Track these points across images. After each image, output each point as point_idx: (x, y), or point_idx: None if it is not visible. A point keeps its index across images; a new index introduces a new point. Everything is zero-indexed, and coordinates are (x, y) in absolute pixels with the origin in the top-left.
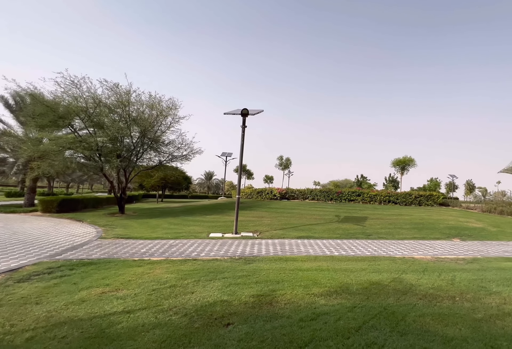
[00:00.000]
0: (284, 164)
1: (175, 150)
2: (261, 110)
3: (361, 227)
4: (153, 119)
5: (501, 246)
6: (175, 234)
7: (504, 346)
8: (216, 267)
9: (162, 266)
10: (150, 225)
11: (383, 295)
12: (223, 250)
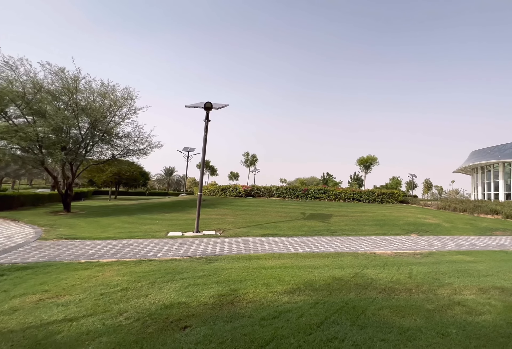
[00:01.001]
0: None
1: (131, 144)
2: (225, 105)
3: (326, 224)
4: (106, 109)
5: (453, 241)
6: (129, 233)
7: (454, 333)
8: (174, 268)
9: (112, 268)
10: (100, 224)
11: (345, 290)
12: (183, 249)
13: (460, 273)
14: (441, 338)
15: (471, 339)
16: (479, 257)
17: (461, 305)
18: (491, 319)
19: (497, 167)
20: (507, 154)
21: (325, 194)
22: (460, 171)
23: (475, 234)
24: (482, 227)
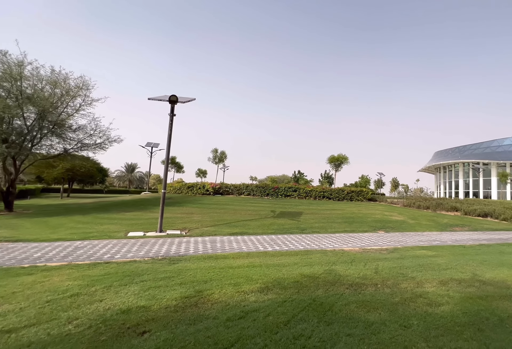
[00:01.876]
0: (218, 158)
1: (86, 137)
2: (192, 98)
3: (296, 222)
4: (56, 99)
5: (417, 236)
6: (83, 234)
7: (415, 324)
8: (133, 270)
9: (62, 273)
10: (49, 224)
11: (313, 287)
12: (144, 250)
13: (423, 267)
14: (403, 330)
15: (431, 330)
16: (440, 251)
17: (422, 297)
18: (449, 309)
19: (458, 167)
20: (466, 155)
21: (296, 192)
22: (424, 171)
23: (437, 230)
24: (443, 223)
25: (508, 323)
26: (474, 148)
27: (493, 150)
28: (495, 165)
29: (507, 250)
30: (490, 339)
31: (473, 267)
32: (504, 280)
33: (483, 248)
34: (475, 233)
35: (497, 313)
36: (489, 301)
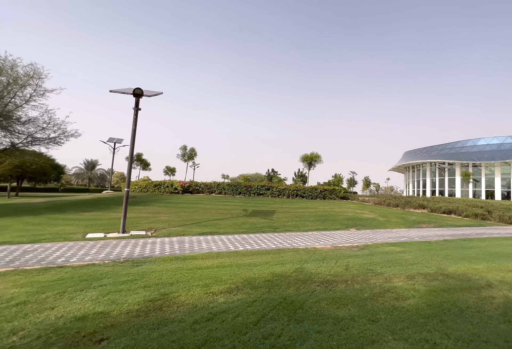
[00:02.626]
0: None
1: (38, 131)
2: (159, 92)
3: (269, 220)
4: (2, 88)
5: (386, 233)
6: (33, 236)
7: (383, 318)
8: (91, 274)
9: (7, 279)
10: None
11: (284, 286)
12: (104, 252)
13: (391, 263)
14: (371, 324)
15: (397, 323)
16: (407, 247)
17: (390, 292)
18: (414, 302)
19: (425, 167)
20: (433, 155)
21: (269, 190)
22: (394, 170)
23: (405, 227)
24: (411, 220)
25: (467, 313)
26: (441, 148)
27: (458, 151)
28: (459, 165)
29: (468, 245)
30: (451, 329)
31: (437, 261)
32: (465, 273)
33: (447, 244)
34: (440, 230)
35: (458, 304)
36: (451, 293)
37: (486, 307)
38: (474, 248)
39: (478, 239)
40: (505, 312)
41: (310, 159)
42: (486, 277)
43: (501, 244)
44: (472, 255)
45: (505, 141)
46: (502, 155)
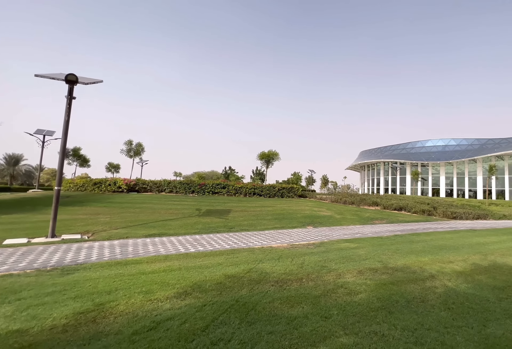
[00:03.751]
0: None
1: None
2: (99, 80)
3: (224, 220)
4: None
5: (342, 230)
6: None
7: (335, 314)
8: (7, 287)
9: None
10: None
11: (237, 287)
12: (26, 260)
13: (345, 259)
14: (324, 321)
15: (349, 317)
16: (361, 243)
17: (343, 287)
18: (365, 296)
19: (379, 166)
20: (386, 155)
21: (225, 189)
22: (351, 169)
23: (360, 223)
24: (365, 217)
25: (413, 303)
26: (393, 149)
27: (408, 151)
28: (409, 165)
29: (416, 239)
30: (398, 320)
31: (388, 256)
32: (412, 266)
33: (397, 238)
34: (391, 225)
35: (405, 296)
36: (399, 286)
37: (430, 297)
38: (421, 242)
39: (425, 234)
40: (445, 300)
41: (267, 156)
42: (430, 268)
43: (444, 238)
44: (419, 248)
45: (449, 143)
46: (446, 156)
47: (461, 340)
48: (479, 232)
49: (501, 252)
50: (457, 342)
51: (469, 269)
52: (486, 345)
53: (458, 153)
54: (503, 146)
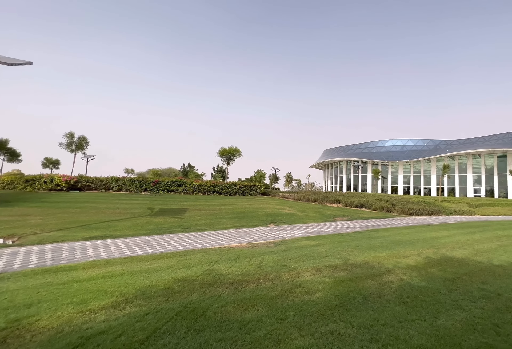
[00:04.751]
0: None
1: None
2: (28, 62)
3: (179, 219)
4: None
5: (304, 228)
6: None
7: (291, 315)
8: None
9: None
10: None
11: (187, 292)
12: None
13: (305, 257)
14: (279, 323)
15: (305, 318)
16: (322, 240)
17: (301, 286)
18: (323, 295)
19: (342, 164)
20: (349, 154)
21: (182, 186)
22: (315, 167)
23: (322, 220)
24: (328, 214)
25: (370, 299)
26: (355, 148)
27: (369, 151)
28: (370, 164)
29: (375, 235)
30: (354, 317)
31: (347, 252)
32: (370, 262)
33: (357, 235)
34: (352, 222)
35: (362, 292)
36: (357, 282)
37: (386, 292)
38: (380, 238)
39: (383, 230)
40: (400, 294)
41: (228, 153)
42: (387, 263)
43: (400, 233)
44: (378, 244)
45: (407, 143)
46: (404, 156)
47: (414, 334)
48: (432, 227)
49: (451, 246)
50: (411, 335)
51: (423, 263)
52: (437, 336)
53: (415, 153)
54: (454, 147)
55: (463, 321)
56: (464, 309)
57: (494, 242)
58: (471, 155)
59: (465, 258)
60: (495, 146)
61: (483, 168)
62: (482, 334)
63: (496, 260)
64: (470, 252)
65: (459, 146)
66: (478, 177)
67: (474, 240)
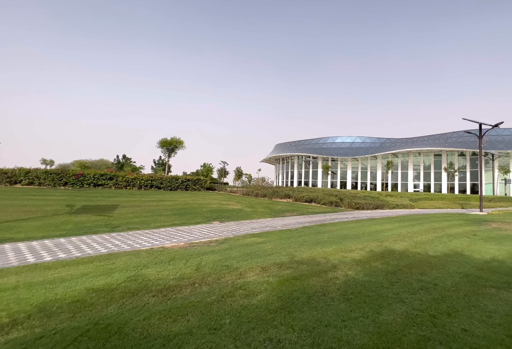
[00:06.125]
0: None
1: None
2: None
3: (107, 218)
4: None
5: (251, 224)
6: None
7: (227, 323)
8: None
9: None
10: None
11: (103, 304)
12: None
13: (249, 256)
14: (212, 334)
15: (243, 325)
16: (269, 237)
17: (242, 289)
18: (265, 297)
19: (294, 159)
20: (300, 149)
21: (112, 180)
22: (266, 161)
23: (271, 216)
24: (277, 209)
25: (314, 298)
26: (307, 143)
27: (320, 146)
28: (321, 159)
29: (323, 229)
30: (297, 319)
31: (294, 249)
32: (316, 258)
33: (305, 230)
34: (301, 217)
35: (307, 291)
36: (302, 280)
37: (330, 289)
38: (327, 233)
39: (331, 224)
40: (345, 291)
41: (170, 144)
42: (333, 259)
43: (347, 227)
44: (325, 239)
45: (355, 140)
46: (352, 152)
47: (357, 333)
48: (377, 220)
49: (393, 238)
50: (354, 335)
51: (367, 257)
52: (379, 334)
53: (363, 150)
54: (397, 145)
55: (403, 314)
56: (405, 302)
57: (431, 234)
58: (412, 153)
59: (406, 250)
60: (432, 146)
61: (421, 165)
62: (420, 327)
63: (432, 251)
64: (410, 244)
65: (401, 144)
66: (417, 174)
67: (413, 233)
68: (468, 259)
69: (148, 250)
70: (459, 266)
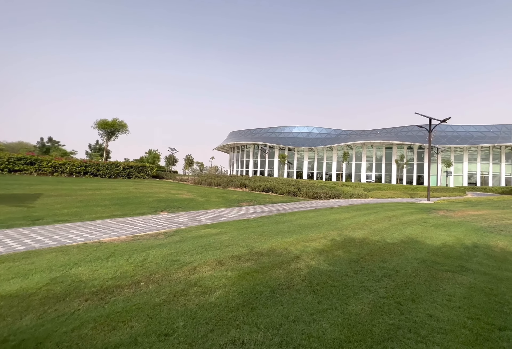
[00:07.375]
0: None
1: None
2: None
3: (26, 209)
4: None
5: (205, 214)
6: None
7: (181, 327)
8: None
9: None
10: None
11: (13, 315)
12: None
13: (204, 248)
14: (162, 342)
15: (200, 327)
16: (225, 228)
17: (197, 285)
18: (224, 293)
19: (249, 148)
20: (256, 137)
21: (34, 165)
22: (219, 149)
23: (226, 206)
24: (232, 199)
25: (278, 292)
26: (263, 132)
27: (277, 136)
28: (277, 148)
29: (282, 219)
30: (261, 316)
31: (253, 239)
32: (277, 248)
33: (264, 220)
34: (259, 207)
35: (270, 284)
36: (264, 273)
37: (295, 281)
38: (287, 222)
39: (290, 213)
40: (310, 282)
41: (111, 126)
42: (295, 249)
43: (307, 216)
44: (285, 229)
45: (312, 131)
46: (309, 143)
47: (327, 327)
48: (335, 209)
49: (352, 227)
50: (324, 330)
51: (329, 245)
52: (349, 326)
53: (319, 140)
54: (352, 137)
55: (371, 303)
56: (371, 291)
57: (387, 222)
58: (365, 145)
59: (365, 238)
60: (384, 138)
61: (374, 157)
62: (389, 315)
63: (389, 238)
64: (368, 232)
65: (356, 136)
66: (370, 165)
67: (371, 221)
68: (423, 245)
69: (80, 246)
70: (416, 252)
